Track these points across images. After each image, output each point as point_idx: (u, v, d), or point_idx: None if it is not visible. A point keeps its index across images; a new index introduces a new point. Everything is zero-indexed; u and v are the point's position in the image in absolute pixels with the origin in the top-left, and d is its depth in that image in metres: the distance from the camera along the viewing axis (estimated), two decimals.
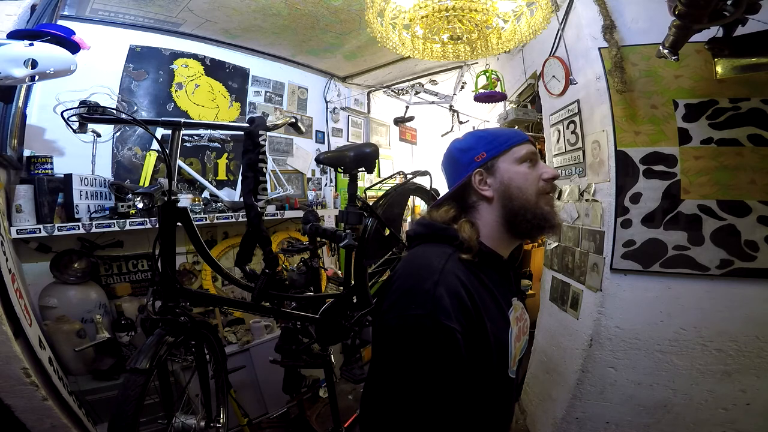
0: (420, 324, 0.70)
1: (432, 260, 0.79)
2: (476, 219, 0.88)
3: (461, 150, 0.91)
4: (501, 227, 0.87)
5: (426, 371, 0.70)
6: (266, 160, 1.60)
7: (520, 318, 0.90)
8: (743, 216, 1.59)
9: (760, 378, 1.62)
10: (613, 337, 1.77)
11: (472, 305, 0.74)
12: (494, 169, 0.87)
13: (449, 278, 0.74)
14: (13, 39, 1.37)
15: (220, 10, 2.36)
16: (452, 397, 0.72)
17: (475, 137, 0.92)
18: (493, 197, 0.86)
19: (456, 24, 1.55)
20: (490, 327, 0.76)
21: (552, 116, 2.24)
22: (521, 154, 0.87)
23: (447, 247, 0.82)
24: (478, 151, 0.88)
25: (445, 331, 0.69)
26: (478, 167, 0.87)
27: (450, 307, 0.70)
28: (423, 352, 0.70)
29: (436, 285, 0.72)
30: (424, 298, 0.71)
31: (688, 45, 1.34)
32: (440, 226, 0.86)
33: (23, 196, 1.80)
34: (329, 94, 3.67)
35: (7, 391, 1.32)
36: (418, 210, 4.57)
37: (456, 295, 0.72)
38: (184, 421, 1.54)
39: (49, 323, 1.85)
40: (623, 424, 1.81)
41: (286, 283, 1.79)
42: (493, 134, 0.91)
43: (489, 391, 0.80)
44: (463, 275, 0.76)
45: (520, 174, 0.86)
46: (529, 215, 0.84)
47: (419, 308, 0.71)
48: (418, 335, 0.70)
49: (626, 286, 1.73)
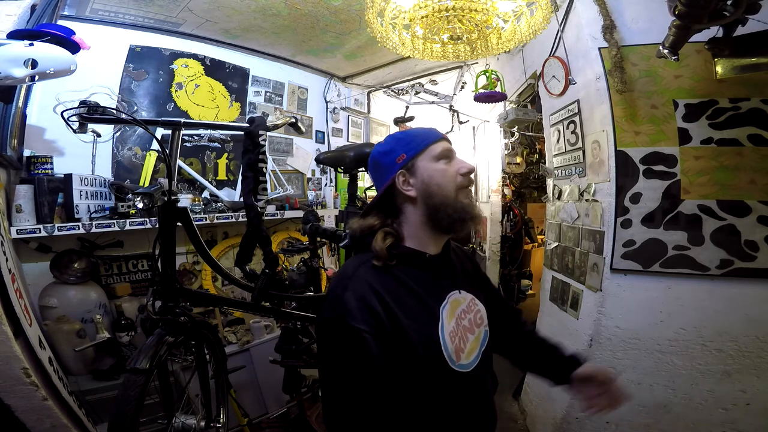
0: (330, 325, 0.81)
1: (348, 268, 0.88)
2: (402, 221, 0.92)
3: (383, 153, 0.94)
4: (425, 225, 0.90)
5: (340, 365, 0.80)
6: (266, 160, 1.60)
7: (468, 310, 0.92)
8: (743, 216, 1.59)
9: (760, 378, 1.62)
10: (613, 337, 1.77)
11: (380, 305, 0.79)
12: (414, 168, 0.89)
13: (357, 283, 0.81)
14: (13, 39, 1.37)
15: (220, 10, 2.36)
16: (373, 390, 0.78)
17: (395, 139, 0.95)
18: (416, 197, 0.89)
19: (456, 24, 1.55)
20: (407, 324, 0.80)
21: (552, 116, 2.24)
22: (437, 152, 0.90)
23: (365, 255, 0.88)
24: (398, 153, 0.90)
25: (350, 331, 0.77)
26: (401, 168, 0.90)
27: (356, 310, 0.78)
28: (336, 349, 0.80)
29: (345, 290, 0.81)
30: (334, 302, 0.81)
31: (688, 45, 1.34)
32: (358, 237, 0.91)
33: (23, 196, 1.80)
34: (329, 94, 3.67)
35: (7, 391, 1.32)
36: None
37: (362, 298, 0.79)
38: (184, 421, 1.54)
39: (49, 323, 1.85)
40: (623, 424, 1.81)
41: (286, 283, 1.79)
42: (411, 135, 0.94)
43: (430, 386, 0.83)
44: (374, 279, 0.82)
45: (437, 171, 0.89)
46: (449, 210, 0.87)
47: (330, 311, 0.81)
48: (329, 334, 0.81)
49: (626, 286, 1.73)
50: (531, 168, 4.09)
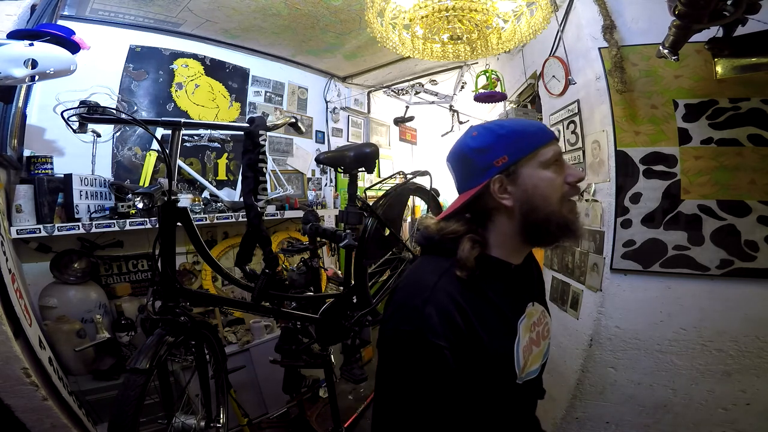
0: (409, 340, 0.72)
1: (425, 276, 0.78)
2: (489, 228, 0.82)
3: (477, 151, 0.79)
4: (518, 237, 0.81)
5: (416, 383, 0.73)
6: (266, 160, 1.60)
7: (538, 323, 0.86)
8: (743, 216, 1.59)
9: (760, 378, 1.62)
10: (613, 337, 1.77)
11: (463, 322, 0.73)
12: (517, 175, 0.77)
13: (440, 296, 0.73)
14: (13, 39, 1.37)
15: (220, 10, 2.36)
16: (446, 408, 0.73)
17: (495, 135, 0.79)
18: (513, 207, 0.78)
19: (456, 24, 1.55)
20: (487, 340, 0.75)
21: (552, 116, 2.24)
22: (548, 157, 0.78)
23: (445, 261, 0.78)
24: (498, 154, 0.77)
25: (431, 348, 0.70)
26: (498, 173, 0.77)
27: (438, 326, 0.71)
28: (413, 365, 0.73)
29: (425, 302, 0.73)
30: (413, 315, 0.73)
31: (688, 45, 1.34)
32: (437, 239, 0.82)
33: (23, 196, 1.80)
34: (329, 94, 3.67)
35: (7, 391, 1.31)
36: (418, 210, 4.57)
37: (445, 312, 0.72)
38: (184, 421, 1.54)
39: (49, 323, 1.85)
40: (623, 424, 1.81)
41: (286, 283, 1.79)
42: (517, 132, 0.79)
43: (494, 401, 0.79)
44: (457, 292, 0.75)
45: (545, 180, 0.77)
46: (552, 227, 0.78)
47: (407, 324, 0.73)
48: (407, 350, 0.73)
49: (626, 286, 1.73)
50: None
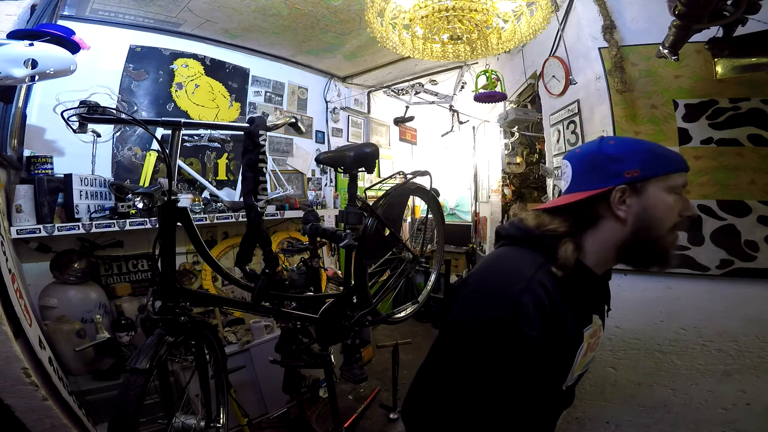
0: (499, 327, 0.72)
1: (522, 266, 0.78)
2: (590, 234, 0.82)
3: (611, 158, 0.79)
4: (615, 250, 0.81)
5: (497, 371, 0.73)
6: (266, 160, 1.59)
7: (594, 334, 0.87)
8: (743, 216, 1.59)
9: (760, 378, 1.62)
10: (613, 337, 1.76)
11: (553, 317, 0.74)
12: (642, 191, 0.77)
13: (537, 287, 0.74)
14: (13, 39, 1.36)
15: (220, 10, 2.36)
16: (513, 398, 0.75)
17: (633, 149, 0.80)
18: (626, 220, 0.78)
19: (456, 24, 1.55)
20: (564, 340, 0.77)
21: (552, 116, 2.24)
22: (677, 184, 0.79)
23: (540, 256, 0.80)
24: (632, 166, 0.77)
25: (523, 337, 0.71)
26: (624, 183, 0.77)
27: (533, 316, 0.71)
28: (498, 353, 0.73)
29: (523, 292, 0.73)
30: (507, 303, 0.73)
31: (688, 45, 1.34)
32: (538, 234, 0.82)
33: (23, 196, 1.80)
34: (329, 94, 3.67)
35: (7, 391, 1.31)
36: (418, 210, 4.57)
37: (541, 305, 0.73)
38: (184, 421, 1.54)
39: (49, 323, 1.85)
40: (623, 424, 1.81)
41: (286, 283, 1.79)
42: (654, 152, 0.80)
43: (543, 398, 0.82)
44: (551, 287, 0.76)
45: (666, 205, 0.78)
46: (656, 250, 0.80)
47: (500, 311, 0.73)
48: (495, 337, 0.72)
49: (626, 286, 1.73)
50: (531, 168, 4.09)
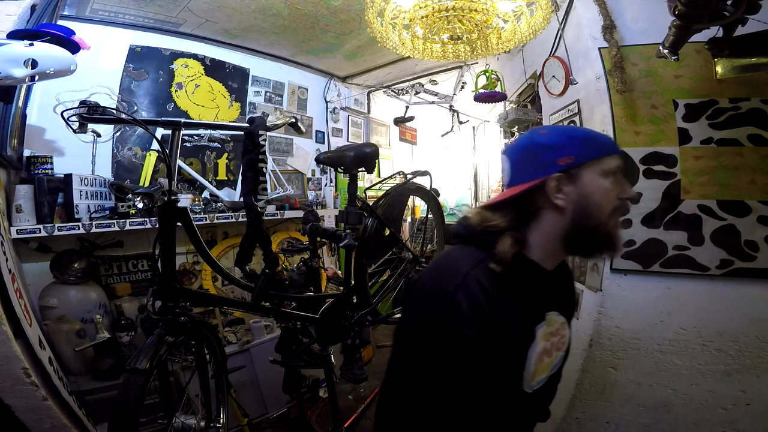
0: (435, 325, 0.72)
1: (459, 263, 0.78)
2: (533, 227, 0.81)
3: (544, 147, 0.79)
4: (559, 241, 0.80)
5: (435, 371, 0.73)
6: (266, 160, 1.60)
7: (556, 333, 0.85)
8: (743, 216, 1.59)
9: (760, 378, 1.62)
10: (613, 337, 1.76)
11: (490, 314, 0.72)
12: (577, 177, 0.77)
13: (472, 284, 0.73)
14: (13, 39, 1.36)
15: (220, 10, 2.36)
16: (458, 399, 0.74)
17: (565, 136, 0.81)
18: (565, 208, 0.77)
19: (456, 24, 1.55)
20: (507, 339, 0.74)
21: (552, 116, 2.23)
22: (610, 167, 0.79)
23: (480, 252, 0.78)
24: (565, 153, 0.77)
25: (458, 336, 0.70)
26: (559, 171, 0.76)
27: (467, 314, 0.70)
28: (434, 353, 0.72)
29: (457, 289, 0.72)
30: (443, 300, 0.72)
31: (688, 45, 1.34)
32: (477, 230, 0.81)
33: (23, 196, 1.80)
34: (329, 94, 3.67)
35: (7, 391, 1.31)
36: (418, 210, 4.57)
37: (475, 302, 0.72)
38: (184, 421, 1.54)
39: (49, 323, 1.85)
40: (623, 424, 1.81)
41: (286, 283, 1.79)
42: (588, 137, 0.81)
43: (497, 401, 0.79)
44: (488, 283, 0.74)
45: (603, 189, 0.77)
46: (598, 235, 0.78)
47: (436, 309, 0.72)
48: (431, 336, 0.72)
49: (626, 286, 1.73)
50: None
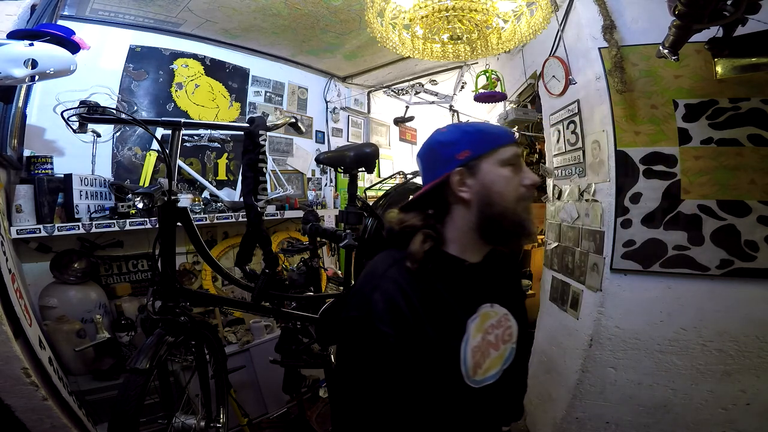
0: (356, 325, 0.77)
1: (378, 265, 0.83)
2: (447, 222, 0.84)
3: (443, 144, 0.84)
4: (473, 232, 0.83)
5: (358, 367, 0.78)
6: (266, 160, 1.60)
7: (497, 325, 0.86)
8: (743, 216, 1.59)
9: (760, 378, 1.62)
10: (613, 337, 1.77)
11: (409, 311, 0.75)
12: (476, 169, 0.81)
13: (386, 284, 0.77)
14: (13, 39, 1.37)
15: (220, 10, 2.36)
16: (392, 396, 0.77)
17: (460, 131, 0.85)
18: (470, 200, 0.81)
19: (456, 24, 1.55)
20: (432, 334, 0.76)
21: (552, 116, 2.23)
22: (507, 157, 0.81)
23: (398, 252, 0.82)
24: (462, 148, 0.81)
25: (376, 334, 0.74)
26: (459, 166, 0.81)
27: (384, 312, 0.74)
28: (358, 351, 0.78)
29: (373, 290, 0.77)
30: (362, 302, 0.77)
31: (688, 45, 1.34)
32: (395, 232, 0.85)
33: (23, 196, 1.80)
34: (329, 94, 3.67)
35: (7, 391, 1.32)
36: None
37: (390, 300, 0.75)
38: (184, 421, 1.54)
39: (49, 323, 1.85)
40: (623, 424, 1.81)
41: (286, 283, 1.79)
42: (480, 131, 0.84)
43: (440, 397, 0.80)
44: (405, 281, 0.78)
45: (502, 178, 0.81)
46: (506, 223, 0.81)
47: (356, 310, 0.78)
48: (354, 335, 0.78)
49: (626, 286, 1.73)
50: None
